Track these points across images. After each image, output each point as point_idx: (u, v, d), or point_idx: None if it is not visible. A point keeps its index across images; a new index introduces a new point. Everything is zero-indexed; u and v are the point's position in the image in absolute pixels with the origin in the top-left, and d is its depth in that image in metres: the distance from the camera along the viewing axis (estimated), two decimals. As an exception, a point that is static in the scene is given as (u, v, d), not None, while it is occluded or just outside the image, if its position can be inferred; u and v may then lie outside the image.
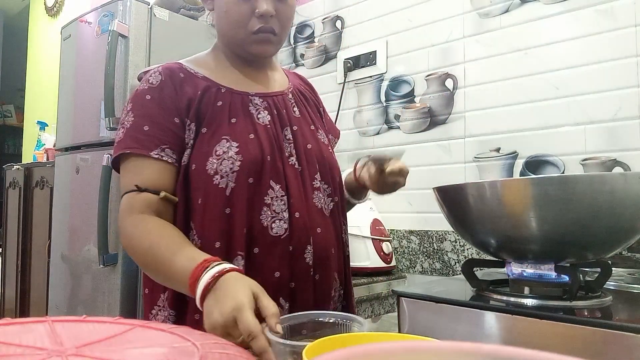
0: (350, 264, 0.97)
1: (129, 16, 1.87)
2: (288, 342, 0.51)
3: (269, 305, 0.61)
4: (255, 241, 0.79)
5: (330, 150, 0.95)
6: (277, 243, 0.80)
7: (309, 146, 0.89)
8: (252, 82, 0.90)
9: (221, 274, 0.65)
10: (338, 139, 1.08)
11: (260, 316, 0.60)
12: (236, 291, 0.62)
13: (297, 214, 0.82)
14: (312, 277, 0.83)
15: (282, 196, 0.81)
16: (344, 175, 1.00)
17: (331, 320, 0.60)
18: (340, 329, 0.59)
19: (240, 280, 0.65)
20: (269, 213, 0.80)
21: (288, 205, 0.81)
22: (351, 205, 1.03)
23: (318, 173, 0.88)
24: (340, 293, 0.91)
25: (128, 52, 1.86)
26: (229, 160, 0.79)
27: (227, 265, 0.67)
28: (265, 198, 0.80)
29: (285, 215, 0.81)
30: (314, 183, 0.87)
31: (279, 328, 0.57)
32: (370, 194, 1.01)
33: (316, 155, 0.89)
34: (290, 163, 0.85)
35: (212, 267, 0.66)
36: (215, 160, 0.79)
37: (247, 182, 0.79)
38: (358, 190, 0.98)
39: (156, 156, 0.80)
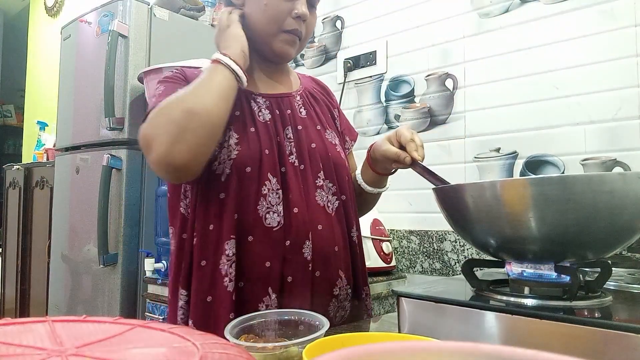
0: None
1: (129, 16, 1.87)
2: (246, 343, 0.51)
3: None
4: (250, 229, 0.83)
5: (339, 150, 0.96)
6: (270, 234, 0.83)
7: (313, 145, 0.91)
8: (260, 83, 0.94)
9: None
10: (354, 141, 1.09)
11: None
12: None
13: (295, 210, 0.84)
14: (311, 273, 0.85)
15: (277, 189, 0.84)
16: (357, 171, 1.00)
17: (294, 318, 0.61)
18: (306, 328, 0.60)
19: None
20: (265, 204, 0.84)
21: (283, 199, 0.84)
22: (374, 197, 1.02)
23: (322, 172, 0.90)
24: (348, 291, 0.91)
25: (128, 52, 1.86)
26: (227, 149, 0.83)
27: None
28: (262, 189, 0.84)
29: (280, 208, 0.84)
30: (317, 181, 0.89)
31: None
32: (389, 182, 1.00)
33: (320, 154, 0.91)
34: (290, 161, 0.88)
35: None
36: (216, 148, 0.83)
37: (245, 171, 0.83)
38: (377, 178, 0.97)
39: None
